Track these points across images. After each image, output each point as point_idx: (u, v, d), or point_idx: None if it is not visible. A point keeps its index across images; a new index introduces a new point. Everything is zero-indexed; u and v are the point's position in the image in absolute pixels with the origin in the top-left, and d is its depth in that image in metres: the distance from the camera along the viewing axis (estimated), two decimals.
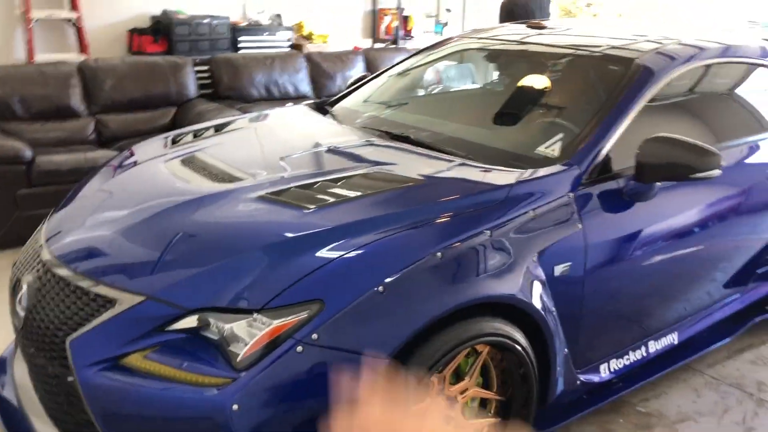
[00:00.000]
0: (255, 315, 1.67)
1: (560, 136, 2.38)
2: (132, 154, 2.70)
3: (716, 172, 2.21)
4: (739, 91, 3.04)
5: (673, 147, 2.19)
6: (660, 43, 2.73)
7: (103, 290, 1.81)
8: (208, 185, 2.21)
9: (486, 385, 2.10)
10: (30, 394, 2.07)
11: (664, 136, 2.21)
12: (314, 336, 1.64)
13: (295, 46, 6.28)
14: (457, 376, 2.00)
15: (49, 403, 1.96)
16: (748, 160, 2.78)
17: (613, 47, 2.76)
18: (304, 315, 1.66)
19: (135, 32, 5.52)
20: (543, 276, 2.04)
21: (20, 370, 2.16)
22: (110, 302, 1.78)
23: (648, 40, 2.81)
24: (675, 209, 2.46)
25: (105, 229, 2.06)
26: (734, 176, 2.67)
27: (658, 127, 2.30)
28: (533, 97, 2.70)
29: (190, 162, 2.42)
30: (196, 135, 2.81)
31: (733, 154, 2.68)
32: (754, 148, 2.79)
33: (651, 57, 2.57)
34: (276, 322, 1.65)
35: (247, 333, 1.66)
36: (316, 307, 1.66)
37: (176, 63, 5.18)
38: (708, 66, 2.80)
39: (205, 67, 5.45)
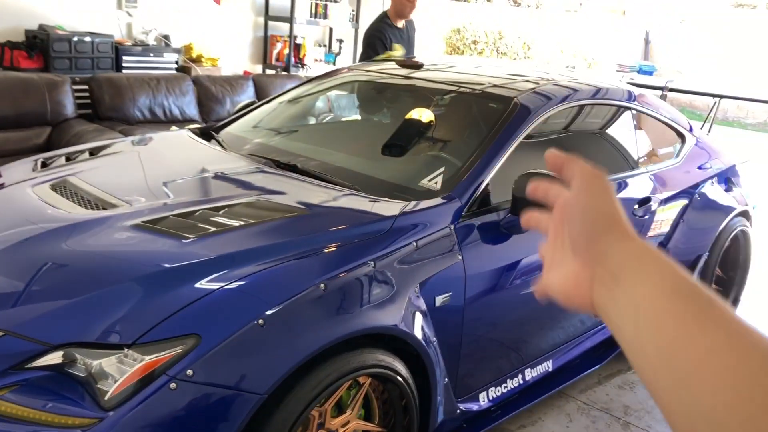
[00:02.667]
0: (126, 350, 1.59)
1: (442, 169, 2.45)
2: None
3: None
4: (608, 130, 3.26)
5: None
6: (537, 83, 2.89)
7: None
8: (81, 212, 2.09)
9: (368, 416, 2.09)
10: None
11: (538, 171, 2.32)
12: (189, 372, 1.57)
13: (183, 69, 6.13)
14: (339, 409, 1.99)
15: None
16: (617, 196, 2.96)
17: (494, 86, 2.88)
18: (178, 350, 1.59)
19: (6, 46, 5.20)
20: (424, 306, 2.07)
21: None
22: None
23: (526, 80, 2.96)
24: None
25: None
26: None
27: (533, 163, 2.42)
28: (418, 130, 2.76)
29: (61, 187, 2.29)
30: (69, 158, 2.66)
31: None
32: (622, 185, 2.99)
33: (528, 96, 2.70)
34: (148, 358, 1.58)
35: (116, 369, 1.58)
36: (192, 342, 1.60)
37: (53, 80, 4.90)
38: (581, 106, 2.98)
39: (85, 86, 5.20)
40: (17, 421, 1.54)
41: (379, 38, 4.57)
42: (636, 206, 3.00)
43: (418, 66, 3.49)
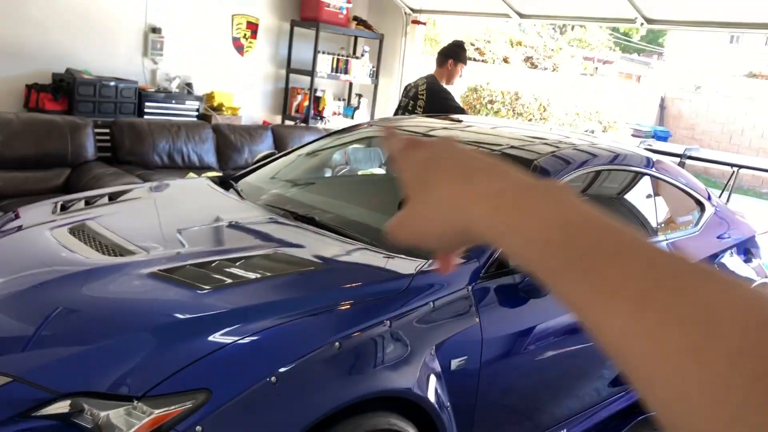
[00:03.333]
0: (135, 402, 1.55)
1: None
2: (16, 217, 2.53)
3: None
4: (626, 196, 3.24)
5: None
6: (556, 146, 2.89)
7: None
8: (97, 257, 2.08)
9: None
10: None
11: None
12: (198, 428, 1.53)
13: (204, 116, 6.22)
14: None
15: None
16: None
17: (513, 147, 2.89)
18: (188, 405, 1.55)
19: (34, 88, 5.30)
20: (439, 369, 2.03)
21: None
22: None
23: (545, 143, 2.97)
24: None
25: None
26: None
27: None
28: None
29: (79, 231, 2.29)
30: (89, 202, 2.67)
31: None
32: None
33: (548, 159, 2.70)
34: (157, 412, 1.54)
35: (124, 422, 1.54)
36: (203, 397, 1.57)
37: (75, 123, 4.98)
38: (599, 171, 2.98)
39: (107, 130, 5.27)
40: None
41: (446, 97, 4.72)
42: None
43: (437, 124, 3.51)
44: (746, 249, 3.62)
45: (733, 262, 3.47)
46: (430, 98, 4.70)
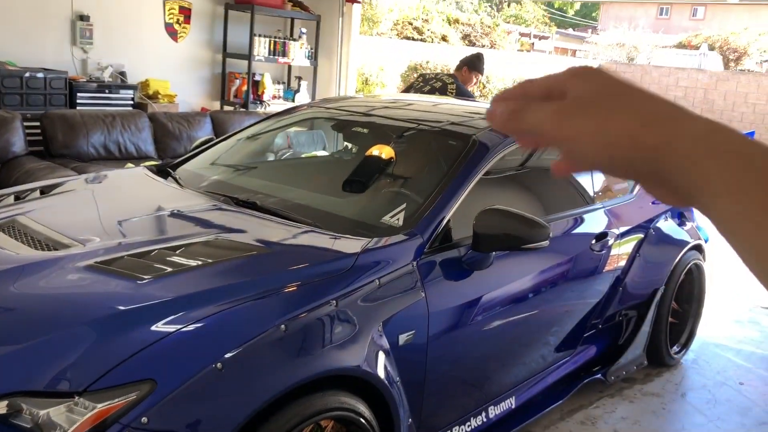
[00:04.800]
0: (76, 398, 1.51)
1: (404, 206, 2.45)
2: None
3: (545, 244, 2.35)
4: None
5: (506, 219, 2.31)
6: None
7: None
8: (31, 253, 2.01)
9: None
10: None
11: (498, 208, 2.33)
12: (144, 420, 1.51)
13: (140, 105, 6.06)
14: None
15: None
16: (574, 231, 3.00)
17: (453, 123, 2.91)
18: (132, 397, 1.52)
19: None
20: (387, 345, 2.04)
21: None
22: None
23: (483, 118, 3.00)
24: (510, 277, 2.59)
25: None
26: (561, 246, 2.87)
27: (493, 199, 2.43)
28: (379, 167, 2.76)
29: (9, 227, 2.21)
30: (19, 197, 2.58)
31: (560, 225, 2.88)
32: (578, 220, 3.03)
33: (486, 134, 2.73)
34: (100, 406, 1.51)
35: (65, 419, 1.50)
36: (147, 388, 1.54)
37: (2, 117, 4.79)
38: None
39: (37, 123, 5.08)
40: None
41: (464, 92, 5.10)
42: (593, 241, 3.04)
43: (377, 103, 3.51)
44: (680, 213, 3.75)
45: (667, 225, 3.59)
46: (459, 96, 5.03)
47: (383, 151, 2.85)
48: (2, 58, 5.23)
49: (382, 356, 2.01)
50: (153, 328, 1.67)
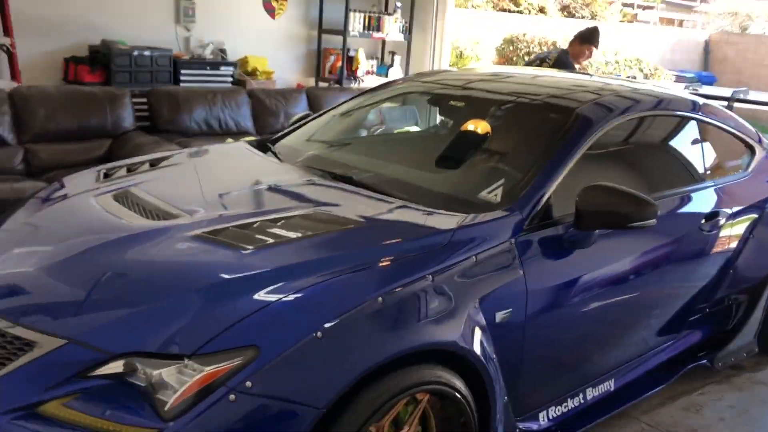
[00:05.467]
0: (186, 361, 1.58)
1: (502, 181, 2.40)
2: (61, 187, 2.58)
3: (652, 222, 2.25)
4: (672, 142, 3.15)
5: (611, 196, 2.23)
6: (598, 93, 2.81)
7: (21, 332, 1.69)
8: (142, 222, 2.11)
9: None
10: None
11: (603, 185, 2.25)
12: (248, 384, 1.56)
13: (239, 82, 6.22)
14: (396, 425, 1.94)
15: None
16: (682, 211, 2.86)
17: (554, 96, 2.82)
18: (238, 361, 1.58)
19: (71, 61, 5.36)
20: (484, 322, 2.02)
21: None
22: (29, 345, 1.66)
23: (586, 91, 2.89)
24: (612, 257, 2.50)
25: (28, 265, 1.94)
26: (668, 226, 2.74)
27: (595, 176, 2.35)
28: (476, 142, 2.72)
29: (123, 197, 2.32)
30: (130, 169, 2.71)
31: (667, 204, 2.75)
32: (686, 199, 2.88)
33: (590, 107, 2.63)
34: (208, 369, 1.57)
35: (176, 380, 1.57)
36: (251, 354, 1.59)
37: (113, 94, 5.04)
38: (643, 117, 2.89)
39: (144, 99, 5.32)
40: (80, 428, 1.55)
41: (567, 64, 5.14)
42: (703, 221, 2.88)
43: (474, 76, 3.44)
44: None
45: None
46: (555, 67, 5.04)
47: (480, 126, 2.80)
48: (114, 38, 5.48)
49: (478, 333, 1.99)
50: (256, 296, 1.71)
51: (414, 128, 4.27)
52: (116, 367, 1.61)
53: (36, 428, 1.56)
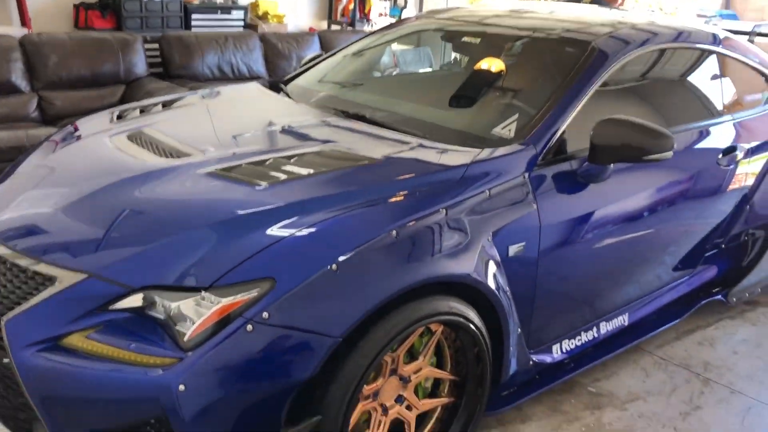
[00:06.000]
0: (203, 293, 1.61)
1: (516, 116, 2.37)
2: (75, 129, 2.59)
3: (668, 155, 2.23)
4: (690, 76, 3.08)
5: (627, 129, 2.20)
6: (614, 27, 2.74)
7: (43, 268, 1.73)
8: (156, 161, 2.13)
9: (440, 364, 2.08)
10: None
11: (619, 117, 2.22)
12: (265, 315, 1.59)
13: (250, 26, 6.15)
14: (411, 356, 1.98)
15: None
16: (699, 145, 2.82)
17: (569, 30, 2.76)
18: (254, 293, 1.61)
19: (81, 6, 5.32)
20: (497, 256, 2.03)
21: None
22: (50, 280, 1.70)
23: (602, 24, 2.82)
24: (627, 192, 2.48)
25: (46, 205, 1.97)
26: (684, 161, 2.71)
27: (611, 111, 2.31)
28: (489, 78, 2.68)
29: (137, 137, 2.33)
30: (143, 110, 2.71)
31: (684, 138, 2.71)
32: (704, 134, 2.84)
33: (605, 41, 2.57)
34: (225, 301, 1.60)
35: (194, 312, 1.61)
36: (267, 286, 1.61)
37: (125, 40, 5.00)
38: (661, 51, 2.83)
39: (156, 45, 5.28)
40: (102, 359, 1.60)
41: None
42: (720, 156, 2.84)
43: (489, 12, 3.37)
44: None
45: None
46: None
47: (494, 63, 2.75)
48: None
49: (492, 266, 2.00)
50: (270, 231, 1.73)
51: (429, 66, 4.21)
52: (135, 300, 1.65)
53: (60, 360, 1.61)
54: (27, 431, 1.78)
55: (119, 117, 2.65)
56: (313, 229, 1.74)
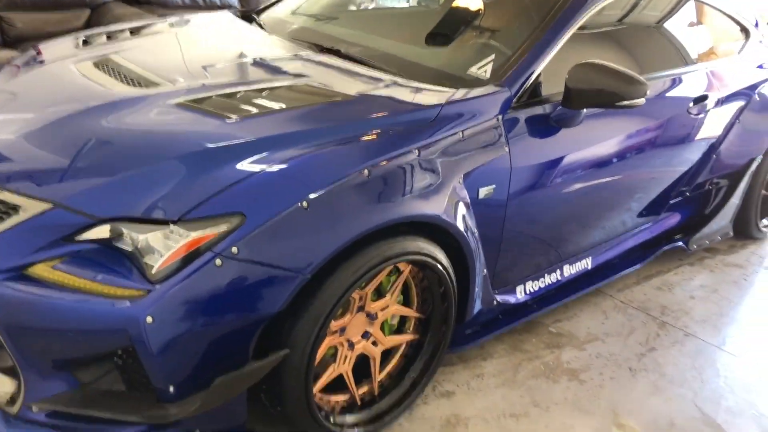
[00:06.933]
0: (171, 226, 1.60)
1: (492, 57, 2.35)
2: (38, 53, 2.50)
3: (641, 101, 2.24)
4: (667, 23, 3.07)
5: (602, 73, 2.19)
6: None
7: (6, 197, 1.69)
8: (124, 89, 2.07)
9: (406, 302, 2.12)
10: None
11: (594, 62, 2.21)
12: (234, 249, 1.59)
13: None
14: (378, 294, 2.01)
15: None
16: (670, 93, 2.83)
17: None
18: (223, 228, 1.60)
19: None
20: (467, 198, 2.04)
21: None
22: (14, 209, 1.66)
23: None
24: (598, 138, 2.50)
25: (9, 132, 1.91)
26: (656, 108, 2.72)
27: (587, 55, 2.30)
28: (467, 16, 2.64)
29: (103, 64, 2.26)
30: (110, 36, 2.62)
31: (657, 86, 2.72)
32: (676, 81, 2.85)
33: None
34: (194, 234, 1.59)
35: (162, 245, 1.59)
36: (237, 221, 1.61)
37: None
38: None
39: None
40: (68, 289, 1.58)
41: None
42: (691, 104, 2.87)
43: None
44: None
45: None
46: None
47: (472, 1, 2.71)
48: None
49: (461, 207, 2.01)
50: (241, 166, 1.71)
51: (406, 2, 4.12)
52: (102, 231, 1.62)
53: (26, 289, 1.59)
54: None
55: (85, 42, 2.56)
56: (284, 166, 1.73)
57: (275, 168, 1.71)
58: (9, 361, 1.68)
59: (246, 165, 1.71)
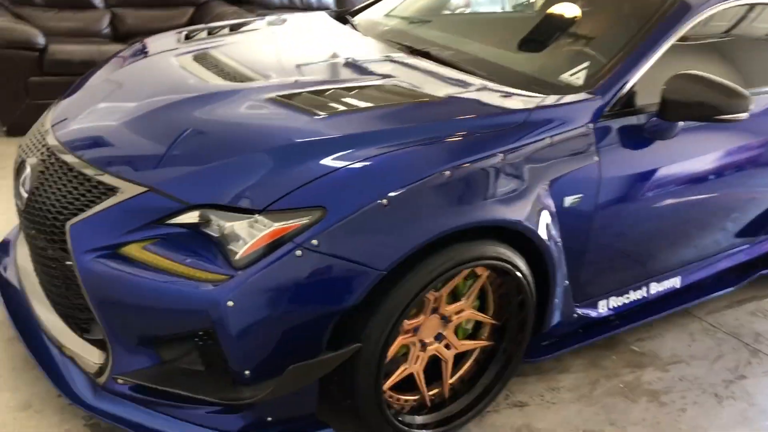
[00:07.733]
0: (256, 216, 1.65)
1: (586, 64, 2.29)
2: (143, 47, 2.64)
3: (743, 116, 2.13)
4: None
5: (702, 85, 2.10)
6: None
7: (107, 179, 1.79)
8: (220, 83, 2.15)
9: (482, 308, 2.09)
10: (31, 277, 2.09)
11: (694, 73, 2.12)
12: (314, 242, 1.62)
13: None
14: (454, 297, 2.00)
15: (49, 287, 1.97)
16: None
17: None
18: (305, 220, 1.63)
19: None
20: (552, 206, 2.00)
21: (22, 253, 2.18)
22: (113, 191, 1.76)
23: None
24: (694, 152, 2.39)
25: (112, 119, 2.02)
26: (759, 125, 2.58)
27: (687, 67, 2.21)
28: (562, 22, 2.59)
29: (202, 58, 2.36)
30: (211, 32, 2.74)
31: (762, 101, 2.58)
32: None
33: None
34: (277, 225, 1.63)
35: (247, 233, 1.65)
36: (318, 214, 1.64)
37: None
38: (750, 6, 2.67)
39: None
40: (157, 270, 1.66)
41: None
42: None
43: None
44: None
45: None
46: None
47: (567, 7, 2.66)
48: None
49: (545, 215, 1.97)
50: (325, 161, 1.74)
51: (500, 7, 4.09)
52: (192, 217, 1.69)
53: (118, 267, 1.68)
54: (84, 330, 1.88)
55: (187, 37, 2.68)
56: (367, 163, 1.75)
57: (358, 165, 1.73)
58: (100, 334, 1.78)
59: (330, 160, 1.74)
